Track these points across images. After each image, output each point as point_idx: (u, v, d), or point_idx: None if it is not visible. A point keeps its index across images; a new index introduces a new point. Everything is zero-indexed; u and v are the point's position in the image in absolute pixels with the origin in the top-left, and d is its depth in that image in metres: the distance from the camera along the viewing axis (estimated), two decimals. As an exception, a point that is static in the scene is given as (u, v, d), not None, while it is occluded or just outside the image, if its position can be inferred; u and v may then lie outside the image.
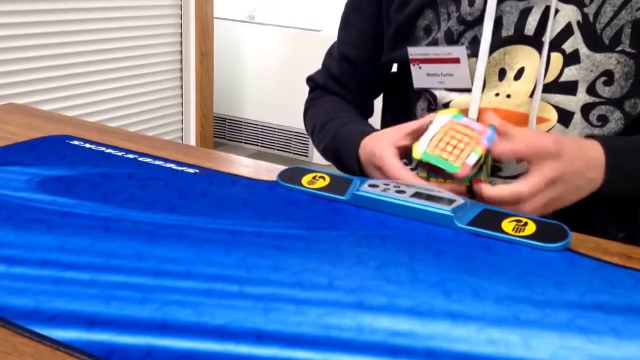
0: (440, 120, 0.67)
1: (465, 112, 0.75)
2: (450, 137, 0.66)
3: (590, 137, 0.69)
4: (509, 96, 0.74)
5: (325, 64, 0.93)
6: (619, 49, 0.71)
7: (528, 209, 0.63)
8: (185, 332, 0.41)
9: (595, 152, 0.65)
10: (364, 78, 0.90)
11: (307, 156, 3.04)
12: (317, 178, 0.67)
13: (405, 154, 0.71)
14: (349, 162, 0.78)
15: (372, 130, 0.77)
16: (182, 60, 2.58)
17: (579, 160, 0.64)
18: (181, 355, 0.39)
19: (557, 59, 0.72)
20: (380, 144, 0.71)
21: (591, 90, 0.72)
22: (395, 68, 0.90)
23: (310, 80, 0.95)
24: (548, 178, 0.63)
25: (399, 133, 0.71)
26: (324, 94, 0.92)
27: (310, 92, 0.95)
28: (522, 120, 0.74)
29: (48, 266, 0.47)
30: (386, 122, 0.93)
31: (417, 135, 0.68)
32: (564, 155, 0.63)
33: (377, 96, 0.95)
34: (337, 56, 0.90)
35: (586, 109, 0.73)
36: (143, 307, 0.43)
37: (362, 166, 0.76)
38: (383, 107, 0.96)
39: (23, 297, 0.43)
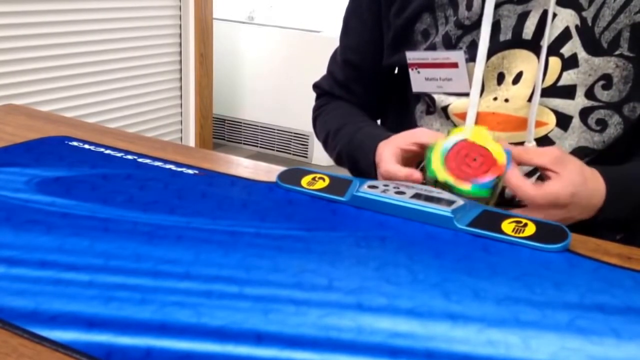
0: (453, 138, 0.65)
1: (463, 116, 0.75)
2: (463, 155, 0.64)
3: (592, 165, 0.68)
4: (507, 100, 0.74)
5: (329, 70, 0.93)
6: (617, 52, 0.71)
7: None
8: (184, 332, 0.41)
9: (600, 193, 0.66)
10: (369, 82, 0.90)
11: (306, 157, 3.04)
12: (316, 179, 0.67)
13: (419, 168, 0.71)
14: (364, 165, 0.77)
15: (387, 134, 0.76)
16: (181, 61, 2.58)
17: (585, 209, 0.65)
18: (180, 356, 0.38)
19: (555, 62, 0.72)
20: (386, 144, 0.71)
21: (589, 94, 0.72)
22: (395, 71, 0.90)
23: (316, 87, 0.95)
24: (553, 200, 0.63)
25: (408, 139, 0.70)
26: (331, 99, 0.92)
27: (317, 98, 0.95)
28: (520, 124, 0.74)
29: (47, 267, 0.47)
30: (386, 123, 0.93)
31: (424, 147, 0.67)
32: (572, 207, 0.63)
33: (383, 98, 0.95)
34: (340, 61, 0.90)
35: (584, 113, 0.73)
36: (142, 307, 0.43)
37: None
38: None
39: (22, 297, 0.43)
